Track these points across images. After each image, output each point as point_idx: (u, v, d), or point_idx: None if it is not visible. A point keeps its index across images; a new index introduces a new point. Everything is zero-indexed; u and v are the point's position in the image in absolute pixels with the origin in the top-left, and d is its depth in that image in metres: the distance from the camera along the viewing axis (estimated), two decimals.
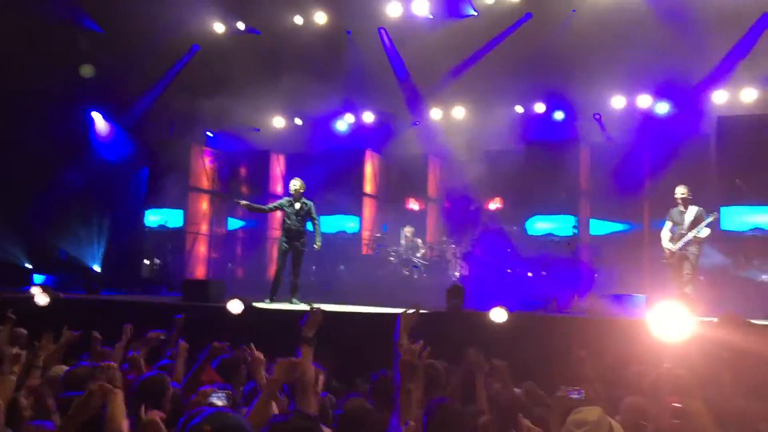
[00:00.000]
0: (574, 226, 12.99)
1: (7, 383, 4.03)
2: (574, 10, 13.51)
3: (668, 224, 9.85)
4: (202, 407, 3.09)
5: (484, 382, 4.59)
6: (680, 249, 9.57)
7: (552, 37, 13.22)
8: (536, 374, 5.21)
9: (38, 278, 12.48)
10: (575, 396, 3.49)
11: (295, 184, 10.40)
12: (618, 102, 13.97)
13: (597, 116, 13.76)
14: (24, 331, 6.62)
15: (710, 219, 9.50)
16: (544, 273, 10.59)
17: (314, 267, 13.36)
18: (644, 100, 13.63)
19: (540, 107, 14.77)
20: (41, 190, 14.67)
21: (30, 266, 13.89)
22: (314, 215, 10.42)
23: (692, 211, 9.64)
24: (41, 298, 9.08)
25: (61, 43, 14.82)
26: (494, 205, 14.77)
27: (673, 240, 9.69)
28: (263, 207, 11.34)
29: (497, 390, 4.65)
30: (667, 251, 9.71)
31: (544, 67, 13.29)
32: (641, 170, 12.86)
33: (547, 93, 14.38)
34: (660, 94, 13.42)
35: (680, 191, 9.77)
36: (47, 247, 14.17)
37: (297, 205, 10.35)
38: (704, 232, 9.48)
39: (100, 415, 3.02)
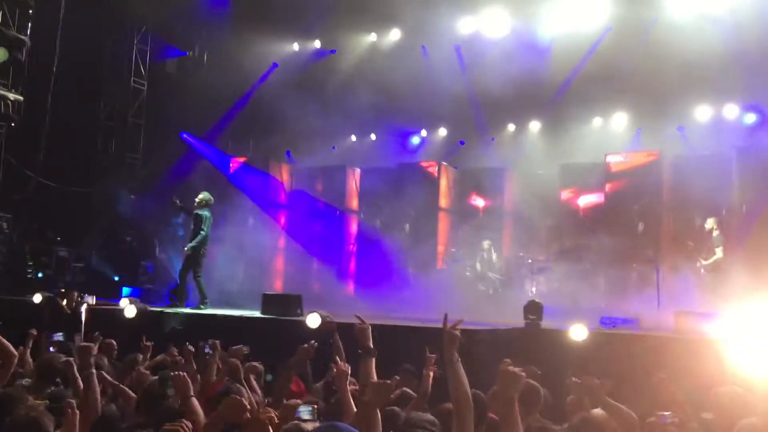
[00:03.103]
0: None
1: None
2: (656, 18, 13.16)
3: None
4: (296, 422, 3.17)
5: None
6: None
7: (632, 47, 12.94)
8: (620, 395, 5.06)
9: (126, 290, 12.98)
10: (669, 420, 3.36)
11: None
12: (703, 113, 13.52)
13: (680, 129, 13.38)
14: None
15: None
16: None
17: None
18: (731, 111, 13.15)
19: (620, 119, 14.45)
20: (131, 206, 15.35)
21: (117, 279, 14.45)
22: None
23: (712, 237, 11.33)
24: (130, 310, 9.49)
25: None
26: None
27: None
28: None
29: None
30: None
31: (623, 79, 13.01)
32: (727, 183, 12.36)
33: (627, 105, 14.07)
34: (748, 104, 12.93)
35: (710, 222, 11.33)
36: (134, 261, 14.74)
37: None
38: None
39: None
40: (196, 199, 11.20)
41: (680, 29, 12.59)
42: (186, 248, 10.99)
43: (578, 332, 7.56)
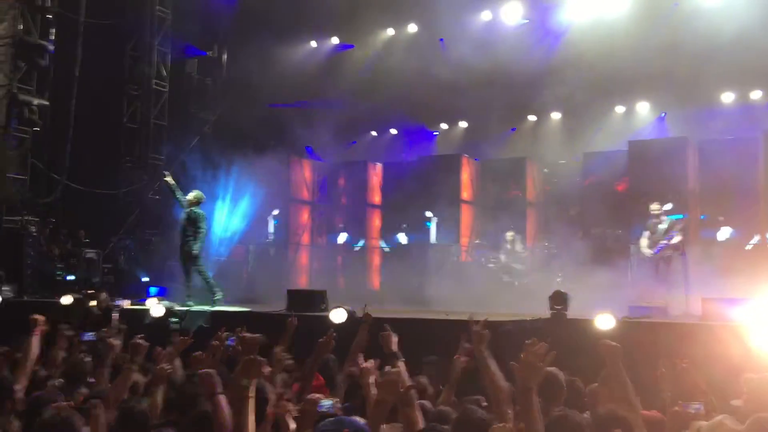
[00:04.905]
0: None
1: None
2: (677, 4, 12.98)
3: (646, 233, 10.74)
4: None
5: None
6: (656, 253, 10.52)
7: (653, 33, 12.76)
8: (646, 385, 5.01)
9: (153, 290, 13.12)
10: (694, 410, 3.33)
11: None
12: (728, 97, 13.31)
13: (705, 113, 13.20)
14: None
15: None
16: None
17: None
18: (757, 94, 12.93)
19: (643, 106, 14.27)
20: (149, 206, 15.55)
21: (146, 279, 14.61)
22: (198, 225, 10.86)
23: (666, 221, 10.64)
24: (157, 309, 9.57)
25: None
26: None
27: (650, 246, 10.65)
28: (180, 199, 11.19)
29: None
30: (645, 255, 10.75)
31: (646, 65, 12.84)
32: (754, 167, 12.13)
33: (650, 91, 13.89)
34: None
35: (654, 207, 10.70)
36: (161, 261, 14.88)
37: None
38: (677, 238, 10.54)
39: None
40: (188, 197, 11.00)
41: (700, 13, 12.42)
42: (193, 250, 10.77)
43: (605, 322, 7.48)
